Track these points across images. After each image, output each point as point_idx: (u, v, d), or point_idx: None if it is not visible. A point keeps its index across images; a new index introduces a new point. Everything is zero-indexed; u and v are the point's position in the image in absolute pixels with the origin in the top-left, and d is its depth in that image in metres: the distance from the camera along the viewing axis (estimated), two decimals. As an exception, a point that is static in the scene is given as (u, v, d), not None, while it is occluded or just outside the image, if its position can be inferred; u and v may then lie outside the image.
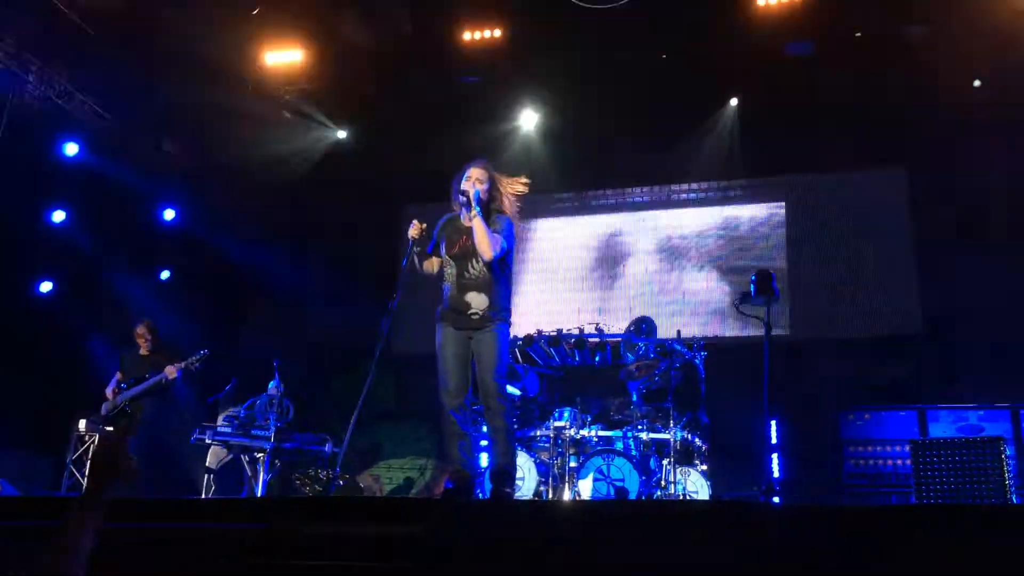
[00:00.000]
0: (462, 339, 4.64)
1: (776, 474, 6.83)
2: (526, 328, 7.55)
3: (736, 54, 8.22)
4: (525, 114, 9.47)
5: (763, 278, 5.49)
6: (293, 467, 7.55)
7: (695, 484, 6.20)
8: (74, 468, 7.60)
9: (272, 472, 7.29)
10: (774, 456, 6.86)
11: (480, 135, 9.17)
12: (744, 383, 6.39)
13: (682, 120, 8.86)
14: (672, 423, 6.23)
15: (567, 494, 6.20)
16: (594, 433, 6.55)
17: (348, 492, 7.87)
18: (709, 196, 9.17)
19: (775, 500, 5.58)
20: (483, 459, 6.00)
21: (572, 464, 6.36)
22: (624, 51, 8.42)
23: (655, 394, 6.75)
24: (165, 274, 9.59)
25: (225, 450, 7.36)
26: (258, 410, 7.31)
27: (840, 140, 8.32)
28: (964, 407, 6.74)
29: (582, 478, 6.16)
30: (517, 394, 6.88)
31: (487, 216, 4.65)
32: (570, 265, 9.38)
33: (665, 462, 6.21)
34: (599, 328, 7.13)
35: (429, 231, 4.82)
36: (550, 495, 6.26)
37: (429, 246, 4.82)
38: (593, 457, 6.22)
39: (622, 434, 6.47)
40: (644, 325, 6.94)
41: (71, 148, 8.45)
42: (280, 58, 8.83)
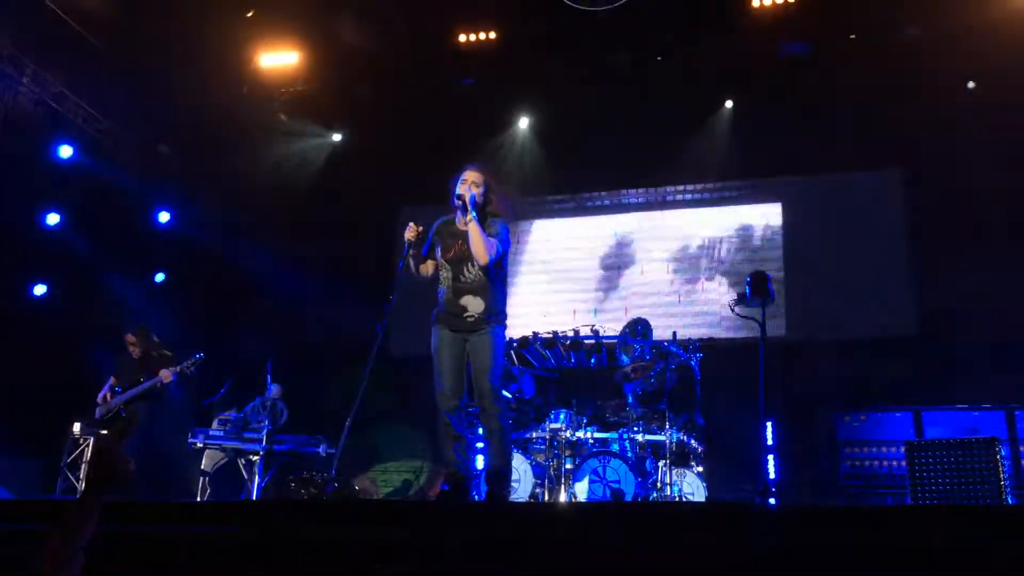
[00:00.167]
0: (458, 341, 4.64)
1: (772, 475, 6.83)
2: (522, 330, 7.54)
3: (731, 56, 8.25)
4: (520, 116, 9.48)
5: (758, 279, 5.49)
6: (289, 470, 7.53)
7: (691, 486, 6.19)
8: (68, 471, 7.57)
9: (268, 475, 7.28)
10: (770, 457, 6.86)
11: (475, 137, 9.19)
12: (740, 385, 6.39)
13: (677, 122, 8.88)
14: (668, 425, 6.23)
15: (563, 496, 6.19)
16: (590, 435, 6.54)
17: (343, 495, 7.85)
18: (705, 197, 9.18)
19: (771, 501, 5.57)
20: (479, 461, 5.99)
21: (568, 466, 6.35)
22: (619, 53, 8.44)
23: (651, 396, 6.75)
24: (160, 277, 9.57)
25: (221, 453, 7.35)
26: (251, 413, 7.30)
27: (835, 141, 8.34)
28: (959, 408, 6.74)
29: (578, 480, 6.16)
30: (511, 397, 6.87)
31: (482, 219, 4.65)
32: (566, 267, 9.38)
33: (661, 464, 6.20)
34: (595, 330, 7.12)
35: (425, 233, 4.82)
36: (546, 497, 6.25)
37: (424, 248, 4.82)
38: (589, 459, 6.20)
39: (618, 436, 6.47)
40: (640, 327, 6.93)
41: (65, 151, 8.43)
42: (275, 60, 8.83)
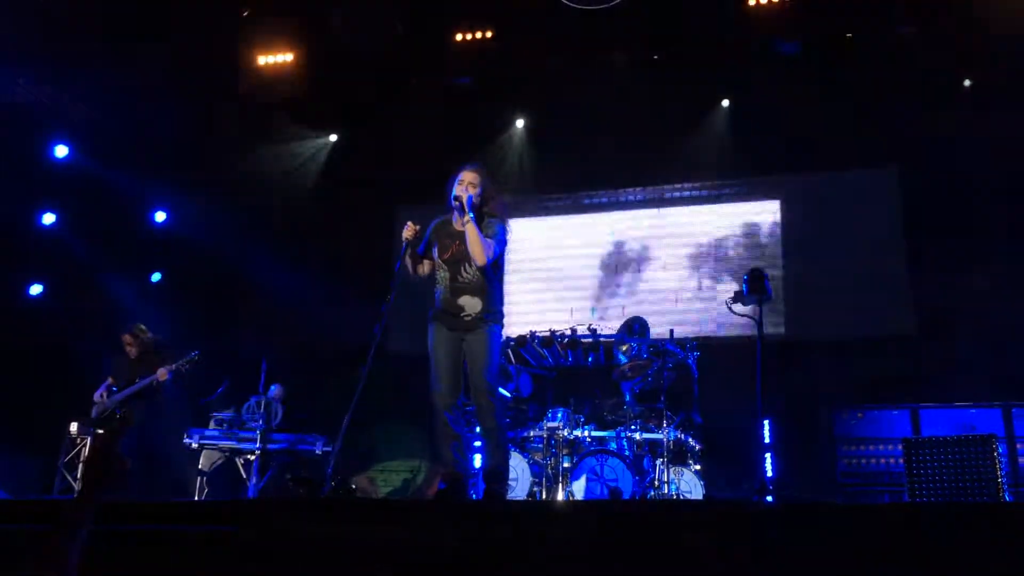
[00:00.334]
0: (455, 340, 4.64)
1: (769, 473, 6.84)
2: (519, 329, 7.54)
3: (727, 54, 8.25)
4: (517, 115, 9.48)
5: (755, 277, 5.50)
6: (288, 469, 7.52)
7: (688, 484, 6.19)
8: (65, 471, 7.55)
9: (267, 474, 7.27)
10: (767, 456, 6.86)
11: (472, 136, 9.19)
12: (737, 383, 6.40)
13: (675, 120, 8.88)
14: (665, 423, 6.23)
15: (561, 495, 6.19)
16: (587, 434, 6.54)
17: (340, 494, 7.84)
18: (703, 195, 9.18)
19: (768, 499, 5.58)
20: (477, 460, 5.99)
21: (566, 465, 6.35)
22: (616, 52, 8.44)
23: (648, 394, 6.76)
24: (156, 276, 9.55)
25: (218, 452, 7.34)
26: (246, 412, 7.29)
27: (832, 139, 8.35)
28: (956, 406, 6.76)
29: (576, 479, 6.16)
30: (508, 395, 6.87)
31: (479, 220, 4.66)
32: (563, 265, 9.37)
33: (658, 462, 6.20)
34: (592, 328, 7.11)
35: (422, 233, 4.81)
36: (544, 496, 6.25)
37: (420, 247, 4.81)
38: (587, 458, 6.21)
39: (615, 434, 6.47)
40: (637, 325, 6.93)
41: (61, 150, 8.41)
42: (272, 59, 8.82)
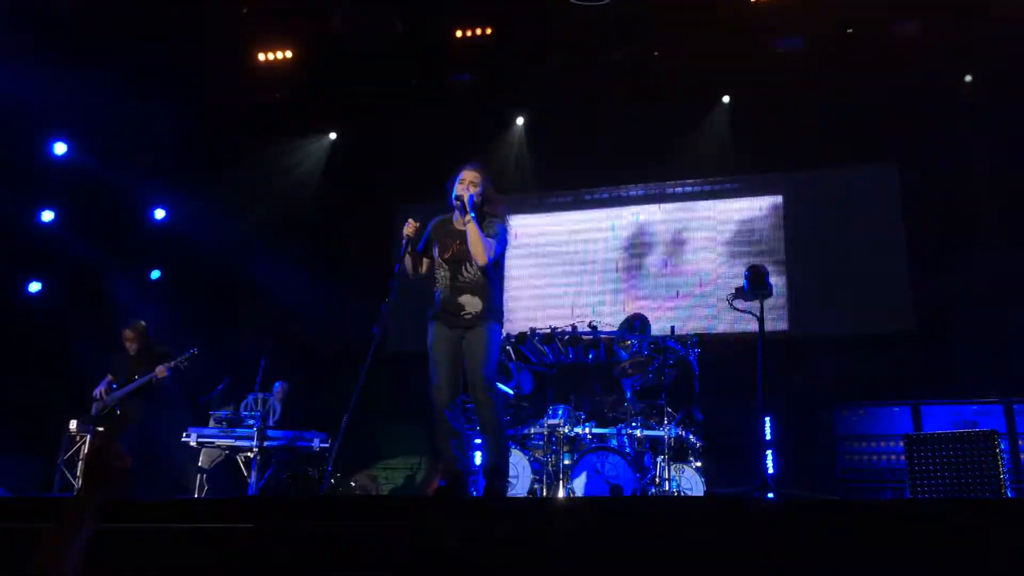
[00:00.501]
0: (454, 338, 4.63)
1: (770, 470, 6.83)
2: (520, 326, 7.53)
3: (728, 50, 8.23)
4: (517, 111, 9.46)
5: (756, 274, 5.47)
6: (288, 467, 7.52)
7: (689, 481, 6.18)
8: (65, 469, 7.55)
9: (268, 472, 7.27)
10: (768, 452, 6.85)
11: (472, 133, 9.17)
12: (738, 380, 6.39)
13: (675, 116, 8.87)
14: (666, 420, 6.22)
15: (561, 492, 6.18)
16: (588, 431, 6.53)
17: (340, 491, 7.85)
18: (705, 190, 9.16)
19: (770, 496, 5.57)
20: (477, 457, 5.98)
21: (566, 462, 6.34)
22: (616, 48, 8.42)
23: (649, 391, 6.75)
24: (156, 274, 9.54)
25: (218, 450, 7.33)
26: (244, 410, 7.29)
27: (833, 136, 8.34)
28: (958, 402, 6.75)
29: (576, 476, 6.15)
30: (510, 392, 6.86)
31: (480, 219, 4.64)
32: (563, 262, 9.36)
33: (659, 459, 6.19)
34: (592, 325, 7.09)
35: (422, 231, 4.80)
36: (544, 493, 6.24)
37: (419, 246, 4.80)
38: (587, 455, 6.20)
39: (616, 431, 6.46)
40: (637, 322, 6.92)
41: (60, 147, 8.40)
42: (271, 57, 8.81)
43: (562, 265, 9.35)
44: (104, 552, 2.69)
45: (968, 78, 8.16)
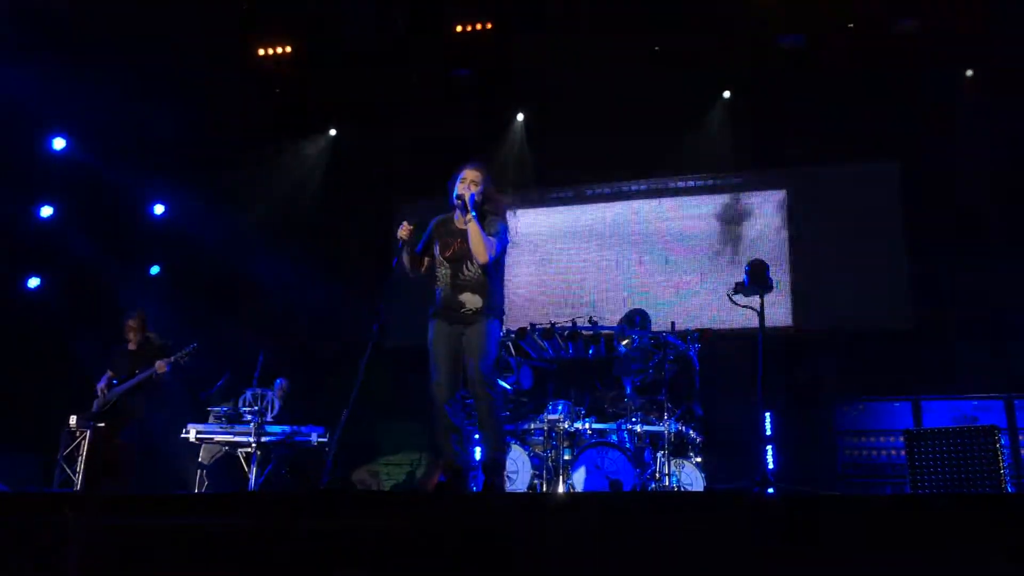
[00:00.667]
0: (454, 334, 4.65)
1: (770, 466, 6.83)
2: (520, 321, 7.52)
3: (729, 46, 8.21)
4: (517, 106, 9.44)
5: (757, 268, 5.45)
6: (288, 462, 7.52)
7: (689, 476, 6.19)
8: (65, 465, 7.54)
9: (268, 467, 7.27)
10: (768, 448, 6.85)
11: (472, 129, 9.15)
12: (738, 375, 6.38)
13: (675, 112, 8.84)
14: (666, 415, 6.21)
15: (561, 487, 6.18)
16: (588, 426, 6.53)
17: (339, 487, 7.84)
18: (707, 185, 9.15)
19: (770, 492, 5.56)
20: (477, 452, 5.98)
21: (566, 457, 6.34)
22: (617, 43, 8.40)
23: (649, 387, 6.74)
24: (155, 269, 9.53)
25: (218, 446, 7.33)
26: (242, 406, 7.29)
27: (833, 132, 8.32)
28: (958, 397, 6.74)
29: (576, 471, 6.15)
30: (510, 388, 6.86)
31: (481, 218, 4.65)
32: (564, 257, 9.35)
33: (659, 455, 6.19)
34: (593, 320, 7.09)
35: (419, 232, 4.79)
36: (544, 488, 6.24)
37: (419, 245, 4.82)
38: (587, 450, 6.20)
39: (616, 427, 6.46)
40: (638, 317, 6.91)
41: (58, 143, 8.38)
42: (271, 52, 8.79)
43: (562, 260, 9.34)
44: (103, 548, 2.69)
45: (969, 72, 8.13)
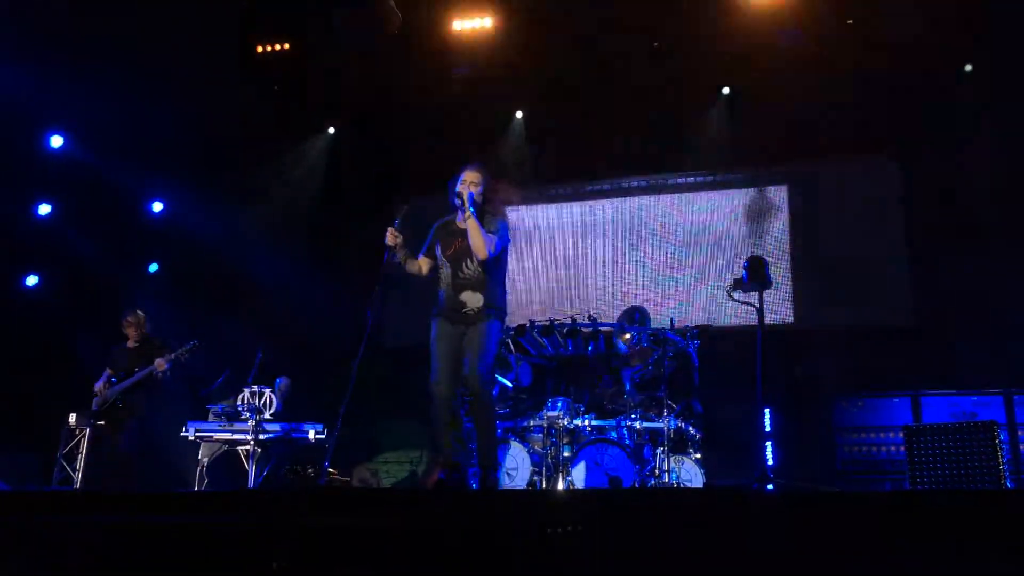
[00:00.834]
0: (455, 333, 4.73)
1: (770, 462, 6.84)
2: (519, 318, 7.52)
3: (729, 41, 8.20)
4: (517, 104, 9.42)
5: (756, 264, 5.46)
6: (288, 461, 7.53)
7: (689, 473, 6.19)
8: (64, 463, 7.55)
9: (268, 465, 7.27)
10: (768, 444, 6.86)
11: (470, 127, 9.14)
12: (738, 372, 6.38)
13: (675, 108, 8.84)
14: (666, 412, 6.22)
15: (561, 484, 6.18)
16: (587, 423, 6.53)
17: (338, 484, 7.85)
18: (704, 182, 9.14)
19: (769, 488, 5.57)
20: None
21: (566, 454, 6.35)
22: (616, 39, 8.38)
23: (648, 383, 6.75)
24: (154, 267, 9.53)
25: (217, 444, 7.33)
26: (240, 403, 7.29)
27: (833, 129, 8.30)
28: (957, 393, 6.75)
29: (575, 468, 6.16)
30: (509, 385, 6.86)
31: (481, 217, 4.74)
32: (563, 254, 9.35)
33: (659, 451, 6.20)
34: (592, 317, 7.09)
35: (406, 239, 4.84)
36: (544, 485, 6.24)
37: (422, 250, 4.93)
38: (587, 447, 6.20)
39: (616, 423, 6.46)
40: (637, 314, 6.92)
41: (56, 140, 8.37)
42: (270, 49, 8.78)
43: (561, 257, 9.34)
44: (103, 547, 2.69)
45: (968, 67, 8.12)
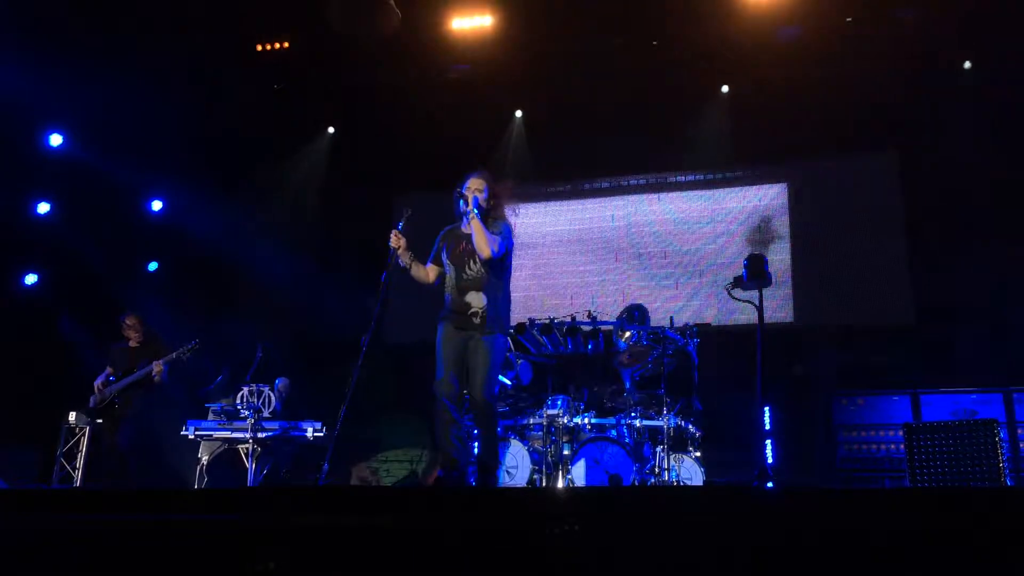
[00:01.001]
0: (461, 338, 4.82)
1: (770, 460, 6.84)
2: (518, 316, 7.52)
3: (728, 39, 8.20)
4: (515, 101, 9.42)
5: (755, 262, 5.45)
6: (292, 460, 7.53)
7: (689, 471, 6.18)
8: (64, 461, 7.55)
9: (268, 463, 7.27)
10: (768, 442, 6.86)
11: (470, 124, 9.13)
12: (737, 369, 6.38)
13: (675, 106, 8.84)
14: (665, 410, 6.22)
15: (561, 482, 6.18)
16: (587, 421, 6.53)
17: (338, 483, 7.85)
18: (704, 180, 9.14)
19: (769, 486, 5.57)
20: (476, 448, 5.99)
21: (566, 452, 6.35)
22: (615, 37, 8.38)
23: (648, 381, 6.74)
24: (153, 265, 9.52)
25: (217, 442, 7.33)
26: (239, 402, 7.29)
27: (832, 126, 8.30)
28: (957, 391, 6.75)
29: (575, 466, 6.15)
30: (509, 383, 6.86)
31: (485, 221, 4.84)
32: (563, 252, 9.35)
33: (659, 449, 6.20)
34: (591, 315, 7.09)
35: (409, 242, 4.90)
36: (544, 483, 6.24)
37: (429, 258, 5.04)
38: (587, 445, 6.20)
39: (615, 421, 6.46)
40: (636, 312, 6.91)
41: (56, 139, 8.36)
42: (270, 47, 8.77)
43: (561, 255, 9.34)
44: (101, 544, 2.69)
45: (967, 64, 8.12)
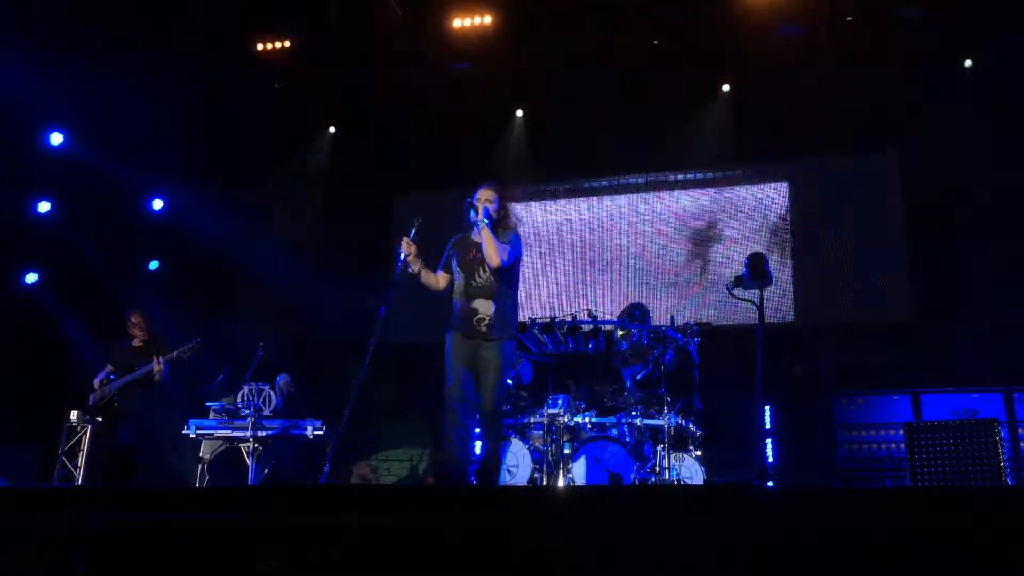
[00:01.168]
0: (470, 346, 4.90)
1: (770, 459, 6.83)
2: (519, 315, 7.52)
3: (728, 38, 8.20)
4: (516, 101, 9.41)
5: (756, 261, 5.45)
6: (289, 459, 7.53)
7: (689, 470, 6.19)
8: (66, 459, 7.55)
9: (269, 462, 7.28)
10: (768, 441, 6.85)
11: (470, 123, 9.13)
12: (738, 369, 6.38)
13: (675, 105, 8.83)
14: (666, 409, 6.22)
15: (561, 481, 6.19)
16: (588, 420, 6.53)
17: (339, 481, 7.86)
18: (704, 179, 9.13)
19: (769, 485, 5.57)
20: (478, 447, 5.99)
21: (566, 451, 6.35)
22: (616, 36, 8.37)
23: (649, 380, 6.75)
24: (154, 264, 9.52)
25: (219, 441, 7.33)
26: (240, 401, 7.29)
27: (832, 125, 8.30)
28: (958, 390, 6.75)
29: (576, 465, 6.16)
30: (510, 382, 6.86)
31: (495, 231, 4.92)
32: (563, 250, 9.34)
33: (659, 448, 6.20)
34: (592, 314, 7.09)
35: (417, 251, 4.93)
36: (544, 482, 6.25)
37: (439, 266, 5.09)
38: (587, 444, 6.21)
39: (616, 420, 6.46)
40: (637, 311, 6.91)
41: (56, 137, 8.36)
42: (270, 47, 8.77)
43: (561, 254, 9.33)
44: (104, 545, 2.70)
45: (968, 63, 8.11)
